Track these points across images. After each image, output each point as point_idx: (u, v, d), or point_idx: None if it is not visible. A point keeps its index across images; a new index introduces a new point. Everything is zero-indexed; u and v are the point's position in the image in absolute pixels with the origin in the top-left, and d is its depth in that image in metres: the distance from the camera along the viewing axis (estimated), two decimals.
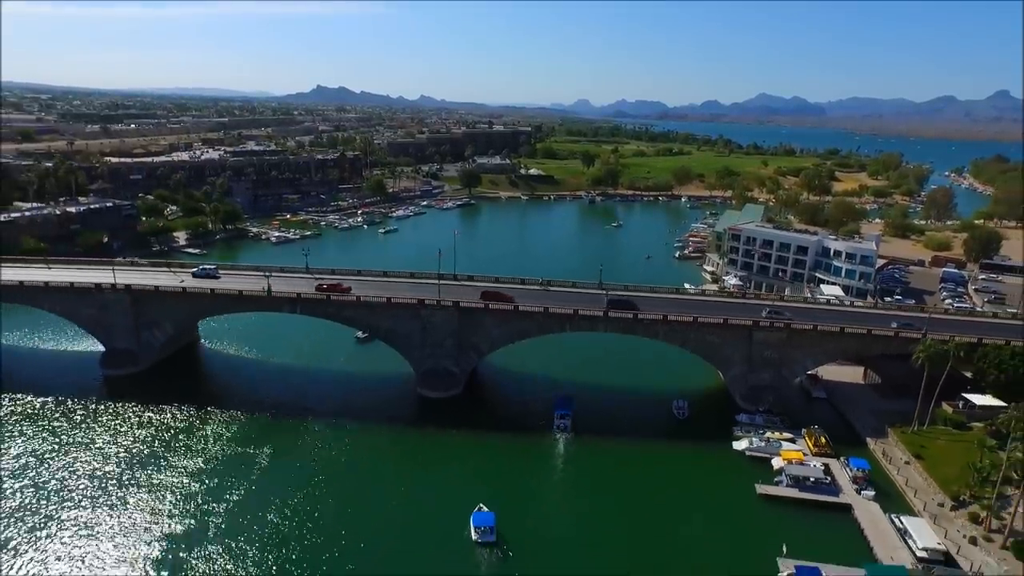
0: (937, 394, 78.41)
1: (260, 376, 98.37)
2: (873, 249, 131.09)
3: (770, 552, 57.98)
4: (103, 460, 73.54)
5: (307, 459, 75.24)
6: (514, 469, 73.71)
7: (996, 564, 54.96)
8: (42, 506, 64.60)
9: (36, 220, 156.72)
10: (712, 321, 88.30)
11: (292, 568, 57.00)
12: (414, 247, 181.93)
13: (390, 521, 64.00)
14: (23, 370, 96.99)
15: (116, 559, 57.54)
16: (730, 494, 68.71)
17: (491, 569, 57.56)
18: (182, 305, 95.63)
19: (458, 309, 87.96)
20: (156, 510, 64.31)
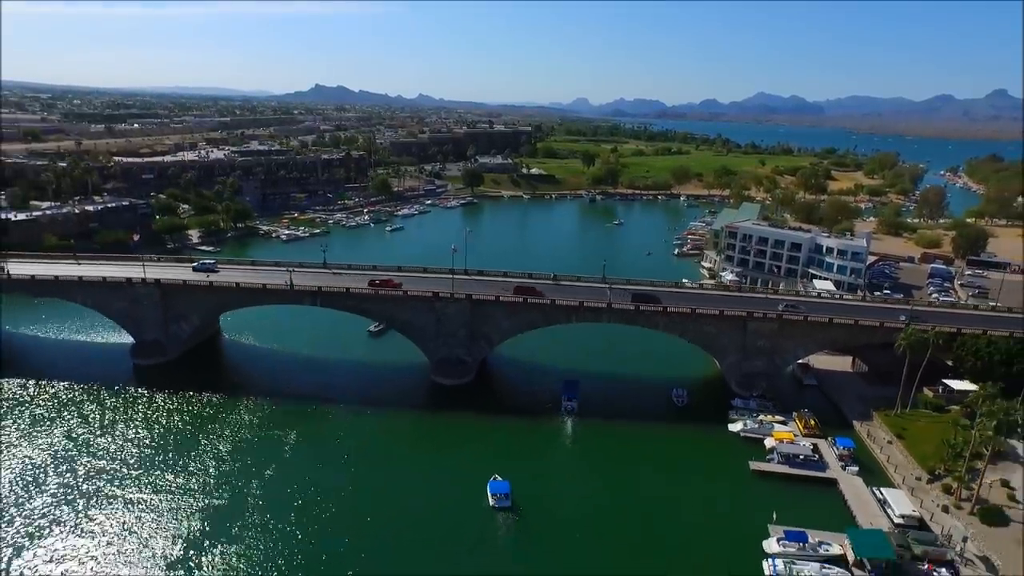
0: (918, 380, 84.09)
1: (280, 366, 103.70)
2: (863, 246, 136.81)
3: (761, 519, 63.63)
4: (138, 443, 78.63)
5: (331, 442, 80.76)
6: (525, 446, 79.46)
7: (963, 527, 60.62)
8: (82, 485, 69.36)
9: (57, 218, 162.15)
10: (709, 312, 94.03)
11: (326, 535, 62.39)
12: (421, 244, 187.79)
13: (414, 494, 69.71)
14: (58, 359, 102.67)
15: (153, 535, 61.96)
16: (726, 470, 74.51)
17: (508, 530, 63.62)
18: (209, 298, 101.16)
19: (470, 301, 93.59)
20: (191, 489, 69.21)
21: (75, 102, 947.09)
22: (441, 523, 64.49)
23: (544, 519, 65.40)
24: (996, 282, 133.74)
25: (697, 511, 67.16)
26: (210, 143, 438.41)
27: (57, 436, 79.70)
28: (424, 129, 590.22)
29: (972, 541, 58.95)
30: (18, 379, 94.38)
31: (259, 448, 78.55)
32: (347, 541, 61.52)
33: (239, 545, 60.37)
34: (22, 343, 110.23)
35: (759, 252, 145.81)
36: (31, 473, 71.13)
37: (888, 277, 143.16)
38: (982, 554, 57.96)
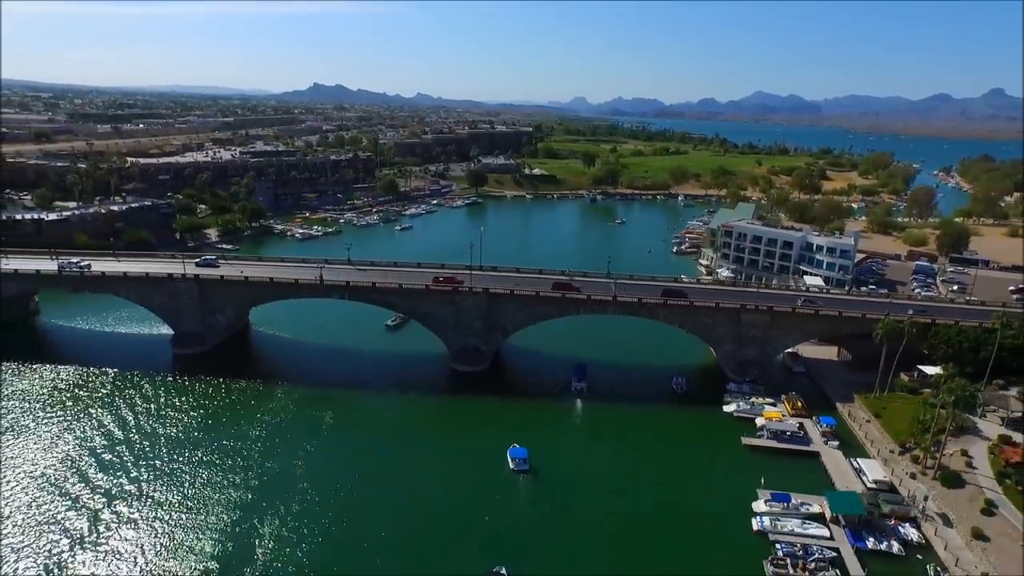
0: (895, 366, 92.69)
1: (307, 356, 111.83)
2: (851, 244, 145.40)
3: (752, 485, 72.25)
4: (183, 426, 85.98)
5: (362, 423, 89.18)
6: (539, 422, 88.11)
7: (925, 490, 69.29)
8: (133, 463, 76.36)
9: (86, 218, 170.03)
10: (706, 305, 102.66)
11: (365, 502, 70.54)
12: (430, 243, 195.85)
13: (440, 463, 78.58)
14: (102, 349, 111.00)
15: (199, 508, 68.53)
16: (721, 444, 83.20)
17: (528, 490, 72.81)
18: (244, 292, 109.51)
19: (487, 295, 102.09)
20: (234, 467, 76.39)
21: (76, 101, 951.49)
22: (469, 486, 73.57)
23: (558, 481, 74.76)
24: (973, 278, 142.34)
25: (695, 477, 75.99)
26: (216, 143, 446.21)
27: (108, 419, 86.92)
28: (425, 129, 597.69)
29: (932, 501, 67.63)
30: (67, 367, 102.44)
31: (296, 429, 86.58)
32: (385, 506, 69.97)
33: (286, 516, 67.44)
34: (66, 334, 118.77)
35: (753, 250, 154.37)
36: (86, 452, 78.34)
37: (875, 273, 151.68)
38: (940, 511, 66.58)
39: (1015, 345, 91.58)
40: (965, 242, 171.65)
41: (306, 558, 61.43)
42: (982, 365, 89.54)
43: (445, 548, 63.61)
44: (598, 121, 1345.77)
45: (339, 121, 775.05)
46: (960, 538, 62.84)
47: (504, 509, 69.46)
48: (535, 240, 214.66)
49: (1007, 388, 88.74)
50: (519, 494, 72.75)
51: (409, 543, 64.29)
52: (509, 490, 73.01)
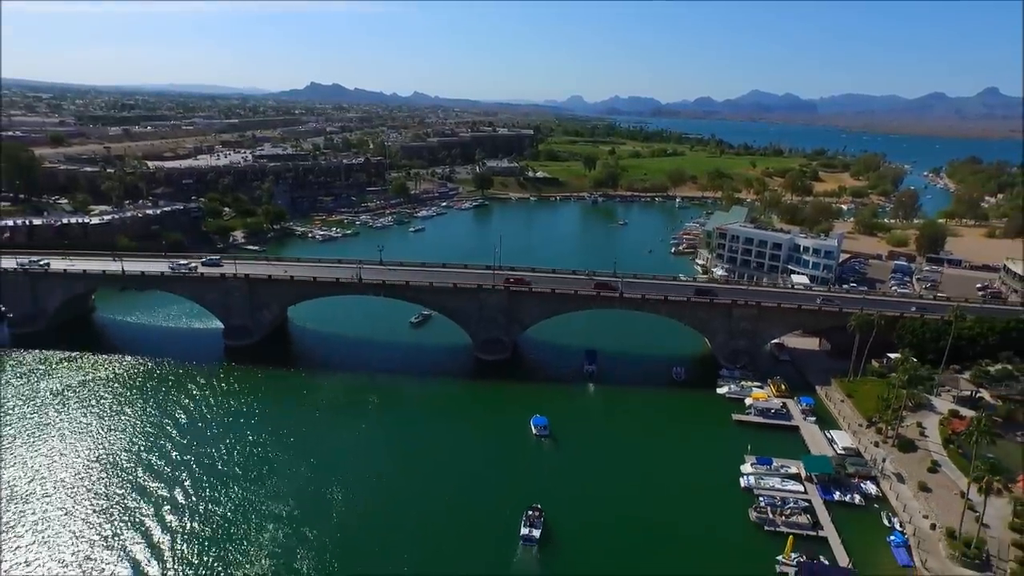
0: (867, 354, 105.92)
1: (344, 348, 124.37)
2: (835, 245, 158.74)
3: (740, 451, 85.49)
4: (241, 407, 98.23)
5: (402, 403, 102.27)
6: (556, 399, 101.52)
7: (885, 454, 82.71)
8: (190, 444, 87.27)
9: (126, 222, 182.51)
10: (702, 301, 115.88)
11: (409, 468, 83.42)
12: (443, 243, 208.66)
13: (475, 432, 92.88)
14: (160, 341, 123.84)
15: (272, 478, 79.76)
16: (714, 419, 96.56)
17: (550, 450, 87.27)
18: (289, 290, 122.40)
19: (508, 292, 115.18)
20: (294, 444, 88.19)
21: (78, 102, 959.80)
22: (501, 448, 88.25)
23: (575, 444, 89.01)
24: (947, 276, 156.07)
25: (692, 446, 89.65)
26: (225, 145, 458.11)
27: (171, 402, 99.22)
28: (428, 131, 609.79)
29: (889, 463, 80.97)
30: (129, 357, 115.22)
31: (346, 409, 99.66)
32: (434, 466, 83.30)
33: (350, 479, 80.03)
34: (124, 328, 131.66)
35: (745, 251, 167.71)
36: (155, 432, 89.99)
37: (857, 272, 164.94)
38: (896, 471, 79.88)
39: (970, 335, 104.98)
40: (941, 243, 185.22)
41: (375, 509, 74.46)
42: (941, 353, 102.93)
43: (489, 493, 77.86)
44: (595, 121, 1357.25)
45: (341, 122, 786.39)
46: (909, 491, 76.12)
47: (532, 464, 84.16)
48: (543, 241, 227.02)
49: (961, 372, 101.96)
50: (543, 453, 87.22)
51: (459, 492, 78.09)
52: (534, 450, 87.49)
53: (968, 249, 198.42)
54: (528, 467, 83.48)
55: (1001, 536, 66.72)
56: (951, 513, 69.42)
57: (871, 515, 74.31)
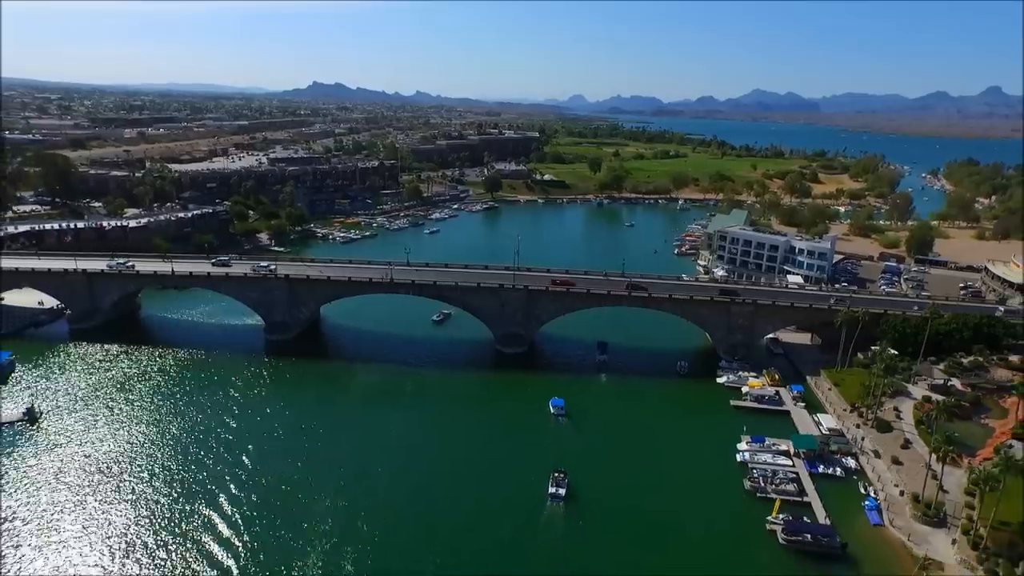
0: (853, 347, 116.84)
1: (374, 343, 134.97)
2: (828, 247, 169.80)
3: (737, 432, 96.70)
4: (283, 397, 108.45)
5: (432, 391, 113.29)
6: (571, 385, 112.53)
7: (864, 433, 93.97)
8: (245, 427, 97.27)
9: (161, 225, 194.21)
10: (703, 298, 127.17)
11: (448, 442, 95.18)
12: (458, 244, 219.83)
13: (499, 414, 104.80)
14: (206, 335, 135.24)
15: (306, 459, 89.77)
16: (714, 405, 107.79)
17: (567, 427, 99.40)
18: (326, 288, 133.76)
19: (527, 291, 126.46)
20: (338, 427, 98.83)
21: (86, 103, 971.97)
22: (524, 426, 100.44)
23: (590, 422, 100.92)
24: (933, 276, 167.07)
25: (695, 427, 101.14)
26: (238, 147, 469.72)
27: (223, 391, 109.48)
28: (434, 132, 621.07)
29: (867, 441, 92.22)
30: (181, 351, 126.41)
31: (381, 397, 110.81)
32: (466, 442, 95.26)
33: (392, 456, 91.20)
34: (170, 324, 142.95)
35: (744, 252, 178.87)
36: (208, 417, 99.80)
37: (849, 273, 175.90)
38: (873, 448, 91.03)
39: (946, 331, 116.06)
40: (930, 245, 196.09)
41: (418, 480, 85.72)
42: (920, 346, 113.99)
43: (518, 461, 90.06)
44: (597, 121, 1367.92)
45: (347, 123, 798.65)
46: (884, 465, 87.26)
47: (552, 438, 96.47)
48: (554, 242, 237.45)
49: (937, 363, 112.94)
50: (561, 429, 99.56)
51: (491, 462, 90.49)
52: (554, 427, 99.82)
53: (957, 250, 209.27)
54: (549, 440, 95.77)
55: (956, 499, 77.88)
56: (917, 482, 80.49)
57: (850, 485, 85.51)
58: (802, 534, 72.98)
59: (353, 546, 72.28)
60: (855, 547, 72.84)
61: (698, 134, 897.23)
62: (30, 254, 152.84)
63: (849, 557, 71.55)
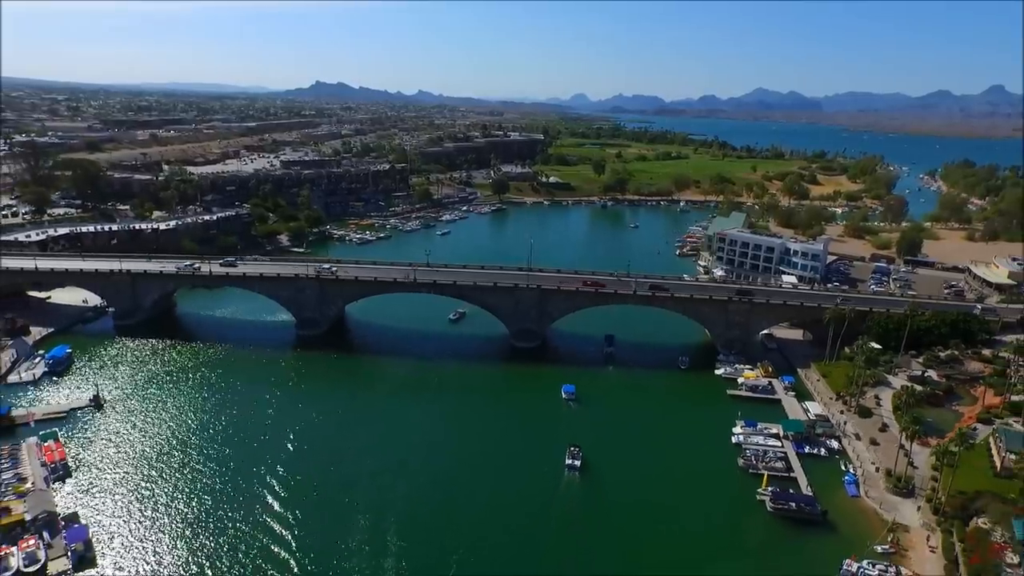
0: (840, 342, 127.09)
1: (396, 338, 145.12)
2: (821, 249, 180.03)
3: (732, 417, 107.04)
4: (316, 386, 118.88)
5: (452, 381, 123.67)
6: (581, 374, 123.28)
7: (846, 419, 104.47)
8: (282, 413, 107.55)
9: (189, 227, 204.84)
10: (703, 297, 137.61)
11: (471, 424, 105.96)
12: (470, 245, 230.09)
13: (515, 400, 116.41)
14: (241, 330, 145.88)
15: (342, 442, 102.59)
16: (712, 394, 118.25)
17: (578, 410, 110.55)
18: (353, 287, 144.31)
19: (540, 290, 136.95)
20: (363, 415, 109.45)
21: (93, 103, 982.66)
22: (539, 408, 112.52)
23: (599, 406, 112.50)
24: (920, 276, 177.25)
25: (693, 413, 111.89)
26: (248, 149, 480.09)
27: (261, 381, 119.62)
28: (439, 133, 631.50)
29: (850, 425, 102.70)
30: (220, 344, 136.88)
31: (403, 386, 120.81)
32: (488, 423, 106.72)
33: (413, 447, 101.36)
34: (206, 320, 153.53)
35: (742, 254, 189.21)
36: (252, 402, 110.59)
37: (841, 273, 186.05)
38: (854, 431, 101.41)
39: (926, 327, 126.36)
40: (918, 246, 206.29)
41: (447, 458, 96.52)
42: (901, 341, 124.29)
43: (536, 439, 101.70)
44: (600, 120, 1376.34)
45: (352, 123, 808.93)
46: (863, 445, 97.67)
47: (566, 419, 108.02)
48: (561, 243, 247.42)
49: (917, 356, 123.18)
50: (573, 411, 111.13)
51: (513, 439, 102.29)
52: (566, 411, 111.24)
53: (946, 251, 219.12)
54: (563, 421, 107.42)
55: (924, 474, 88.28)
56: (891, 459, 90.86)
57: (832, 463, 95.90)
58: (787, 503, 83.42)
59: (396, 507, 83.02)
60: (834, 514, 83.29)
61: (700, 134, 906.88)
62: (75, 255, 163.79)
63: (828, 522, 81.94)
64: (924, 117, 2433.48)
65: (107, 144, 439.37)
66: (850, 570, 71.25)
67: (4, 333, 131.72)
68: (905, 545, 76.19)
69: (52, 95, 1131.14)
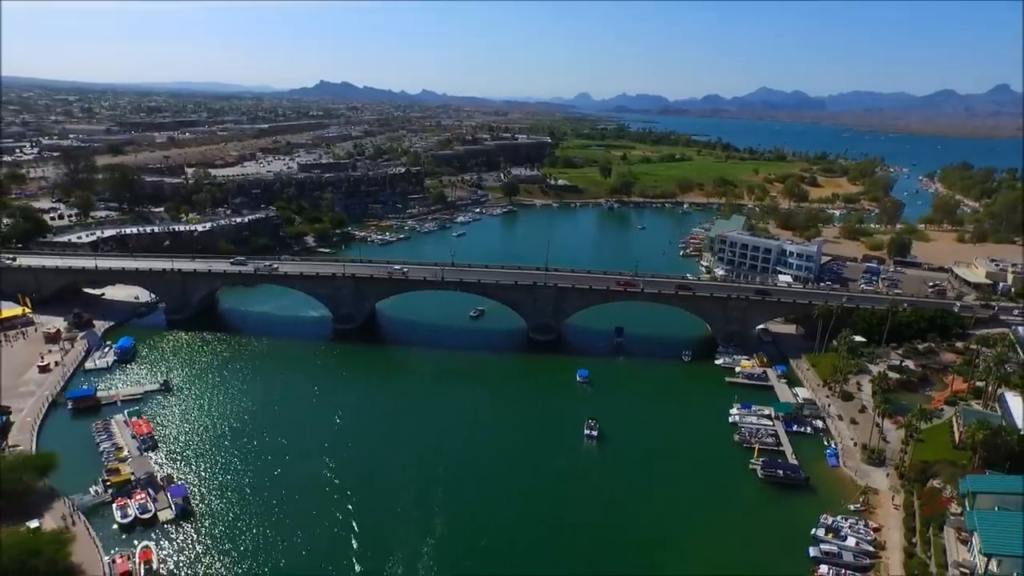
0: (829, 335, 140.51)
1: (423, 333, 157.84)
2: (815, 251, 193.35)
3: (730, 401, 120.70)
4: (355, 375, 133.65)
5: (477, 369, 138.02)
6: (593, 362, 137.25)
7: (830, 402, 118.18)
8: (327, 398, 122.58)
9: (224, 229, 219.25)
10: (704, 295, 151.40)
11: (498, 406, 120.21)
12: (485, 246, 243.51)
13: (536, 384, 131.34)
14: (281, 325, 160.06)
15: (383, 424, 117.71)
16: (712, 381, 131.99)
17: (592, 392, 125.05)
18: (386, 285, 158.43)
19: (557, 288, 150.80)
20: (399, 401, 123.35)
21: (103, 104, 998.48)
22: (557, 391, 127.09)
23: (610, 388, 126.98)
24: (908, 276, 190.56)
25: (696, 397, 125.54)
26: (264, 152, 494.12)
27: (305, 369, 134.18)
28: (448, 135, 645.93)
29: (833, 407, 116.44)
30: (264, 337, 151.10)
31: (434, 374, 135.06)
32: (509, 405, 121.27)
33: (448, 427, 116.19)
34: (248, 316, 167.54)
35: (741, 255, 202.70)
36: (299, 389, 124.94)
37: (834, 273, 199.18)
38: (837, 413, 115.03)
39: (907, 321, 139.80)
40: (908, 248, 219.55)
41: (480, 433, 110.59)
42: (884, 334, 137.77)
43: (557, 414, 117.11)
44: (604, 120, 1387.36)
45: (360, 125, 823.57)
46: (844, 424, 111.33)
47: (581, 398, 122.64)
48: (570, 243, 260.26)
49: (897, 348, 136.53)
50: (587, 392, 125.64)
51: (536, 415, 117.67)
52: (581, 392, 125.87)
53: (935, 253, 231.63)
54: (579, 400, 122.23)
55: (894, 447, 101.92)
56: (867, 435, 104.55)
57: (817, 439, 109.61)
58: (776, 470, 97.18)
59: (439, 472, 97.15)
60: (816, 480, 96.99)
61: (703, 134, 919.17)
62: (125, 255, 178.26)
63: (810, 487, 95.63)
64: (929, 116, 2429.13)
65: (128, 147, 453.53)
66: (826, 522, 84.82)
67: (74, 326, 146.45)
68: (874, 504, 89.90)
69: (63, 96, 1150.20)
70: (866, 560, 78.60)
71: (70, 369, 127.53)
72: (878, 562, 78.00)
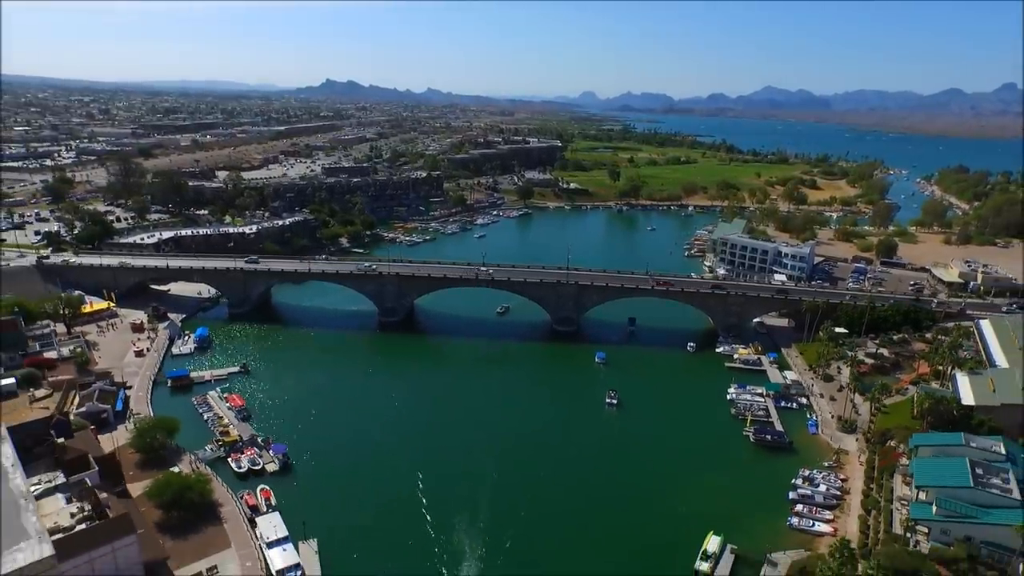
0: (816, 327, 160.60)
1: (457, 325, 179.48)
2: (807, 252, 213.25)
3: (728, 381, 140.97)
4: (402, 362, 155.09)
5: (508, 356, 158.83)
6: (608, 347, 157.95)
7: (814, 382, 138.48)
8: (382, 382, 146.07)
9: (269, 231, 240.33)
10: (707, 292, 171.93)
11: (529, 387, 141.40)
12: (503, 246, 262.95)
13: (561, 365, 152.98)
14: (334, 318, 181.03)
15: (433, 406, 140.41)
16: (713, 366, 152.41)
17: (608, 371, 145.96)
18: (425, 282, 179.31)
19: (578, 286, 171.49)
20: (442, 384, 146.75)
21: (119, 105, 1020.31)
22: (578, 370, 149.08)
23: (624, 368, 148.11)
24: (892, 276, 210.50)
25: (699, 379, 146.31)
26: (285, 155, 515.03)
27: (355, 357, 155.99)
28: (460, 137, 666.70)
29: (816, 387, 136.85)
30: (321, 328, 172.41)
31: (472, 360, 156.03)
32: (539, 382, 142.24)
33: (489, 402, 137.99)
34: (300, 310, 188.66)
35: (741, 256, 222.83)
36: (351, 371, 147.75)
37: (825, 273, 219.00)
38: (819, 392, 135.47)
39: (884, 315, 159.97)
40: (895, 249, 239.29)
41: (519, 405, 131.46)
42: (863, 326, 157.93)
43: (580, 388, 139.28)
44: (609, 120, 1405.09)
45: (371, 126, 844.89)
46: (824, 401, 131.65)
47: (600, 375, 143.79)
48: (585, 244, 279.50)
49: (875, 338, 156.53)
50: (605, 370, 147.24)
51: (562, 389, 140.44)
52: (600, 371, 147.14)
53: (921, 254, 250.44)
54: (598, 377, 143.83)
55: (865, 418, 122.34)
56: (842, 409, 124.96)
57: (801, 413, 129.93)
58: (764, 435, 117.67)
59: (486, 437, 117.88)
60: (798, 444, 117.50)
61: (708, 135, 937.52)
62: (187, 255, 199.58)
63: (793, 449, 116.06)
64: (935, 116, 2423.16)
65: (156, 150, 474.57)
66: (803, 474, 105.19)
67: (154, 318, 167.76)
68: (844, 462, 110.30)
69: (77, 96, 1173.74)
70: (833, 501, 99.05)
71: (160, 354, 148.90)
72: (842, 502, 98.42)
